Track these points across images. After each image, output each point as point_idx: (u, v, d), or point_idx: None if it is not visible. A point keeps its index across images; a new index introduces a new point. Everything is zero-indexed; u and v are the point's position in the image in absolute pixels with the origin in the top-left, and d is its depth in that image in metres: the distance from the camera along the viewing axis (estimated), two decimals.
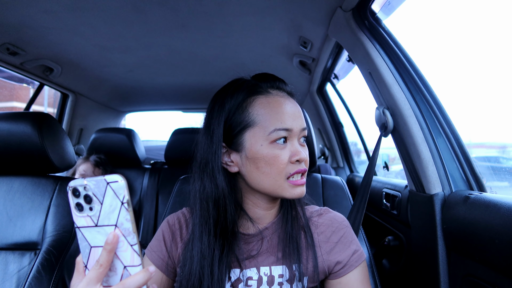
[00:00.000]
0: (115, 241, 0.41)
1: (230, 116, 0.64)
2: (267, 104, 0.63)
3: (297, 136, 0.63)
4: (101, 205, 0.41)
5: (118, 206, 0.41)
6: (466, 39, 2.01)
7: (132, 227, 0.41)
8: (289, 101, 0.65)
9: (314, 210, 0.73)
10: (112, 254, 0.41)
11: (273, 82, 0.66)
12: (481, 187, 0.89)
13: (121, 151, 2.05)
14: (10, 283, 0.90)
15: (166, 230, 0.71)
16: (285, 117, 0.62)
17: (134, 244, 0.42)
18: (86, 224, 0.42)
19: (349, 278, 0.66)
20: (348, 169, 2.33)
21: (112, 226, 0.41)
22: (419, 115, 0.93)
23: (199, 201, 0.65)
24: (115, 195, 0.41)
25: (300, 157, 0.61)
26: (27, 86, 2.19)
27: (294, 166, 0.62)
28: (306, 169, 0.64)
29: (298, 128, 0.63)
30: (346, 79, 1.91)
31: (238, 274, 0.64)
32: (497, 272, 0.67)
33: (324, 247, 0.68)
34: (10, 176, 1.05)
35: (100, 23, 1.33)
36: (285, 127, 0.61)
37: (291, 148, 0.62)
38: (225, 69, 1.92)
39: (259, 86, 0.65)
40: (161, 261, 0.68)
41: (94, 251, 0.43)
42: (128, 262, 0.42)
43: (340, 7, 1.06)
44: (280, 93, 0.66)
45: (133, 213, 0.41)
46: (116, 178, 0.41)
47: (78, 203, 0.42)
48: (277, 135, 0.61)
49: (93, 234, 0.42)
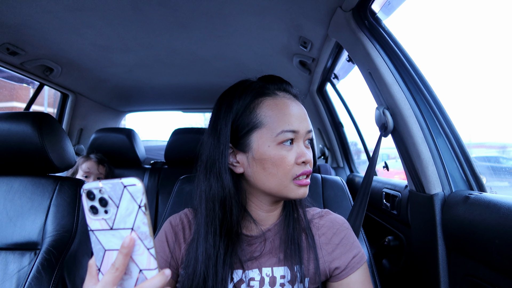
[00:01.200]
0: (131, 244, 0.40)
1: (237, 117, 0.64)
2: (274, 106, 0.63)
3: (303, 138, 0.65)
4: (117, 208, 0.41)
5: (135, 209, 0.40)
6: (466, 39, 2.02)
7: (149, 231, 0.41)
8: (295, 103, 0.66)
9: (315, 212, 0.74)
10: (128, 258, 0.41)
11: (280, 84, 0.68)
12: (481, 187, 0.89)
13: (121, 151, 2.05)
14: (10, 283, 0.90)
15: (169, 231, 0.70)
16: (292, 119, 0.63)
17: (150, 248, 0.41)
18: (101, 227, 0.42)
19: (350, 280, 0.66)
20: (348, 169, 2.33)
21: (128, 229, 0.41)
22: (419, 115, 0.93)
23: (204, 202, 0.65)
24: (132, 199, 0.40)
25: (306, 158, 0.62)
26: (27, 86, 2.19)
27: (300, 168, 0.63)
28: (311, 171, 0.65)
29: (304, 130, 0.64)
30: (346, 79, 1.91)
31: (241, 275, 0.65)
32: (497, 272, 0.67)
33: (325, 249, 0.68)
34: (10, 176, 1.05)
35: (100, 23, 1.33)
36: (292, 129, 0.62)
37: (297, 149, 0.63)
38: (225, 69, 1.92)
39: (266, 88, 0.66)
40: (164, 262, 0.67)
41: (108, 254, 0.42)
42: (144, 265, 0.42)
43: (340, 7, 1.06)
44: (287, 95, 0.67)
45: (149, 216, 0.41)
46: (134, 181, 0.40)
47: (92, 206, 0.41)
48: (284, 136, 0.62)
49: (108, 237, 0.42)
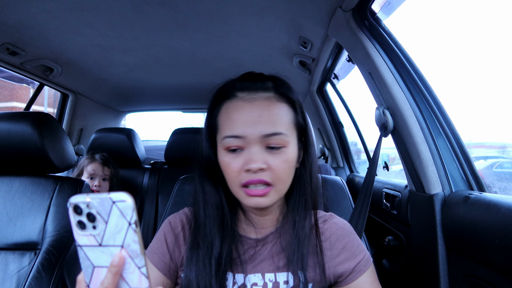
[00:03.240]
0: (121, 263, 0.38)
1: (209, 120, 0.65)
2: (226, 110, 0.62)
3: (258, 143, 0.58)
4: (105, 224, 0.38)
5: (125, 227, 0.38)
6: (466, 39, 2.03)
7: (140, 249, 0.38)
8: (249, 105, 0.60)
9: (319, 216, 0.71)
10: (117, 277, 0.39)
11: (247, 83, 0.63)
12: (481, 187, 0.89)
13: (121, 151, 2.05)
14: (10, 283, 0.90)
15: (168, 232, 0.69)
16: (236, 124, 0.59)
17: (141, 267, 0.39)
18: (89, 243, 0.39)
19: (358, 283, 0.65)
20: (348, 169, 2.33)
21: (118, 247, 0.39)
22: (419, 115, 0.93)
23: (202, 203, 0.65)
24: (121, 215, 0.38)
25: (249, 166, 0.57)
26: (27, 86, 2.19)
27: (247, 175, 0.58)
28: (262, 180, 0.58)
29: (256, 134, 0.58)
30: (346, 79, 1.91)
31: (243, 279, 0.64)
32: (497, 272, 0.67)
33: (329, 254, 0.66)
34: (10, 176, 1.05)
35: (100, 23, 1.33)
36: (235, 134, 0.58)
37: (246, 156, 0.58)
38: (225, 69, 1.92)
39: (229, 90, 0.63)
40: (163, 264, 0.66)
41: (97, 271, 0.40)
42: (135, 284, 0.40)
43: (340, 7, 1.06)
44: (247, 96, 0.61)
45: (141, 234, 0.39)
46: (123, 197, 0.38)
47: (80, 221, 0.39)
48: (227, 142, 0.59)
49: (97, 253, 0.39)
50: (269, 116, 0.59)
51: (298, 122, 0.64)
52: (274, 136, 0.58)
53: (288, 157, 0.60)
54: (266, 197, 0.60)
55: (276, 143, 0.59)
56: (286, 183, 0.62)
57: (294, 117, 0.63)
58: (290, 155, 0.60)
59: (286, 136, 0.60)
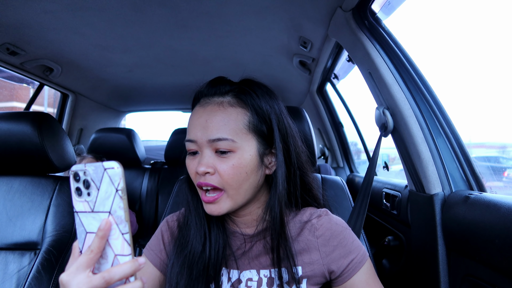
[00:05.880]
0: (107, 228, 0.40)
1: None
2: (191, 115, 0.65)
3: (208, 147, 0.60)
4: (97, 191, 0.41)
5: (112, 193, 0.41)
6: (466, 39, 2.02)
7: (125, 216, 0.41)
8: (203, 110, 0.62)
9: (314, 211, 0.71)
10: (104, 241, 0.41)
11: (210, 88, 0.64)
12: (481, 187, 0.89)
13: (121, 151, 2.05)
14: (10, 283, 0.90)
15: (166, 230, 0.72)
16: (190, 128, 0.62)
17: (125, 233, 0.41)
18: (84, 209, 0.42)
19: (354, 281, 0.64)
20: (348, 169, 2.33)
21: (106, 213, 0.41)
22: (419, 115, 0.93)
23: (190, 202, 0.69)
24: (110, 182, 0.40)
25: (196, 169, 0.59)
26: (27, 86, 2.19)
27: (198, 178, 0.61)
28: (209, 183, 0.59)
29: (204, 139, 0.59)
30: (346, 79, 1.91)
31: (238, 275, 0.65)
32: (497, 272, 0.67)
33: (323, 250, 0.66)
34: (10, 176, 1.05)
35: (100, 23, 1.33)
36: (188, 138, 0.62)
37: (199, 159, 0.60)
38: (225, 69, 1.92)
39: (198, 94, 0.66)
40: (159, 260, 0.68)
41: (89, 237, 0.42)
42: (118, 250, 0.42)
43: (340, 7, 1.06)
44: (204, 101, 0.63)
45: (127, 201, 0.41)
46: (113, 164, 0.40)
47: (78, 188, 0.42)
48: (187, 145, 0.63)
49: (89, 219, 0.42)
50: (215, 121, 0.59)
51: (255, 127, 0.61)
52: (219, 141, 0.58)
53: (238, 163, 0.59)
54: (217, 204, 0.60)
55: (225, 148, 0.59)
56: (239, 189, 0.60)
57: (250, 122, 0.61)
58: (240, 160, 0.59)
59: (232, 142, 0.59)
